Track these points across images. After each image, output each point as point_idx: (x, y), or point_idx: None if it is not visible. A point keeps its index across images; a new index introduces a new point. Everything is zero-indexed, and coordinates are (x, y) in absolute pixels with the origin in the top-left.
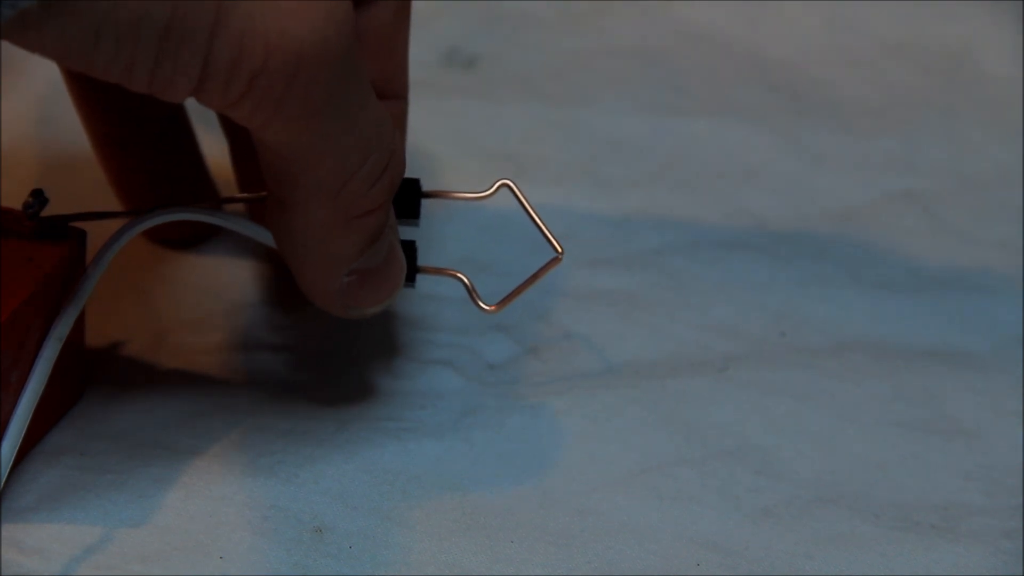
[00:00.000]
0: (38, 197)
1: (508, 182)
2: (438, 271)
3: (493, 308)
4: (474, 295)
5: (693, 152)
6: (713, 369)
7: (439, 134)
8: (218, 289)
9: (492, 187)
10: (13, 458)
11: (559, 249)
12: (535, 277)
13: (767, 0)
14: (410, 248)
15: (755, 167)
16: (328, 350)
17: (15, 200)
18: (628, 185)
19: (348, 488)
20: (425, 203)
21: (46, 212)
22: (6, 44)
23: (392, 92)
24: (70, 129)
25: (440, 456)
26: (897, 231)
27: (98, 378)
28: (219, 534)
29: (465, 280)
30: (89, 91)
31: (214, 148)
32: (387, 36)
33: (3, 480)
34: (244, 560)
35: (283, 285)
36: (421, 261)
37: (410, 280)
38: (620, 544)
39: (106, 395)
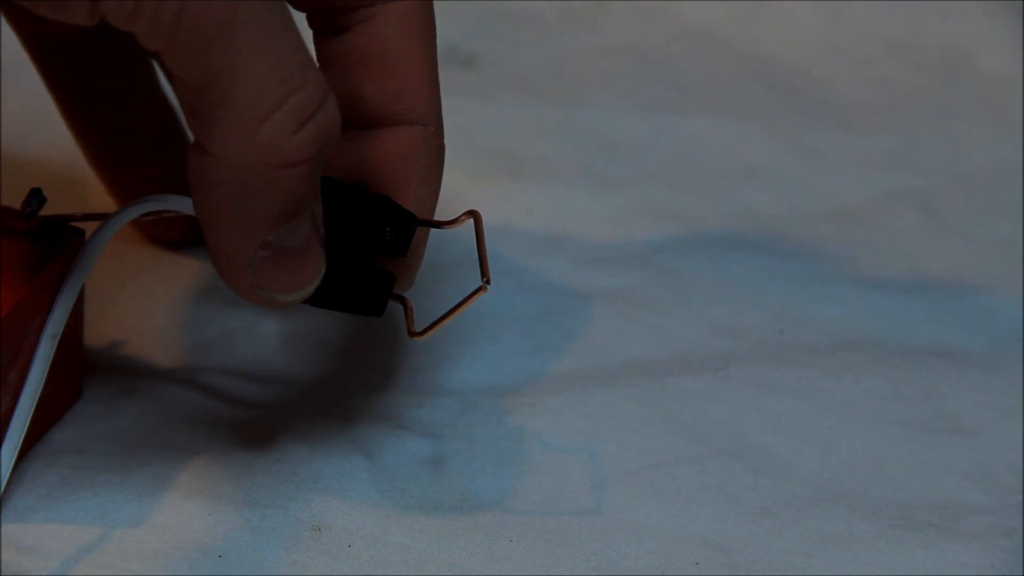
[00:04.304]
0: (36, 196)
1: (475, 212)
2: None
3: (420, 334)
4: (409, 320)
5: (692, 151)
6: (712, 368)
7: None
8: (216, 288)
9: (459, 216)
10: (14, 460)
11: (488, 279)
12: (460, 306)
13: None
14: (387, 279)
15: (754, 166)
16: (327, 349)
17: (14, 199)
18: (626, 184)
19: (347, 486)
20: None
21: (45, 211)
22: (6, 46)
23: (399, 118)
24: None
25: (439, 454)
26: (896, 230)
27: (97, 377)
28: (217, 533)
29: (406, 305)
30: (79, 106)
31: None
32: (386, 53)
33: (4, 483)
34: (243, 559)
35: None
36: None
37: (378, 310)
38: (619, 543)
39: (105, 394)
